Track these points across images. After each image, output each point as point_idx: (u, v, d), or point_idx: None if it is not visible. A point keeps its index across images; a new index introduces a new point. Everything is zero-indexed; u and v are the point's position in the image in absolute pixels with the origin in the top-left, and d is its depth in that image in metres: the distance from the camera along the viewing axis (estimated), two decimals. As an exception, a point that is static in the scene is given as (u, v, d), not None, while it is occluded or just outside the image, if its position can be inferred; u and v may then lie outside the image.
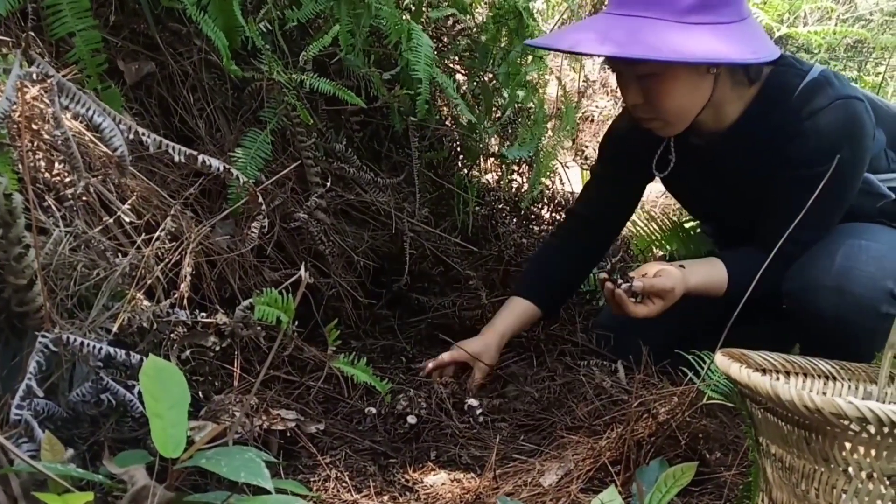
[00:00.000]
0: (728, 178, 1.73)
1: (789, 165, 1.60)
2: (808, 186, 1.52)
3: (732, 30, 1.48)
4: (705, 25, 1.45)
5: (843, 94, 1.57)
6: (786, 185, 1.61)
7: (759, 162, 1.65)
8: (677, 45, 1.43)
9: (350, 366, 1.24)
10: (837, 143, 1.55)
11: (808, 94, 1.59)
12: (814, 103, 1.57)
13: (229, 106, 1.71)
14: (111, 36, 1.53)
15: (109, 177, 1.28)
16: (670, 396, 1.38)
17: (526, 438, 1.59)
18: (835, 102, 1.56)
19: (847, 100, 1.57)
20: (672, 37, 1.44)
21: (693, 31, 1.44)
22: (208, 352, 1.34)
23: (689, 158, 1.74)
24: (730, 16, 1.48)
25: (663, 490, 1.25)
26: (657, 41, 1.44)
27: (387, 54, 1.93)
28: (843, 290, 1.54)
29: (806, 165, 1.58)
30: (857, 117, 1.57)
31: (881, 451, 0.92)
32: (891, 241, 1.62)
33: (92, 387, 1.14)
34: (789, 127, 1.59)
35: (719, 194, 1.78)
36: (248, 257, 1.58)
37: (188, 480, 1.20)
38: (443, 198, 2.23)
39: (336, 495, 1.33)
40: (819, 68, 1.63)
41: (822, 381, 1.28)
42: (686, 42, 1.43)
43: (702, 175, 1.77)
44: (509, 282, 2.28)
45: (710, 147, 1.70)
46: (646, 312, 1.60)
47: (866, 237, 1.60)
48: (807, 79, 1.60)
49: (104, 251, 1.23)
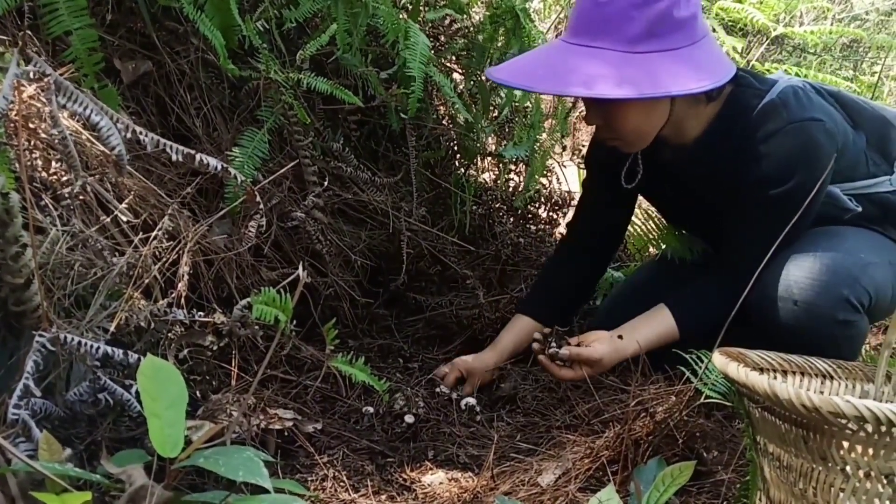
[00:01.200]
0: (696, 191, 1.76)
1: (748, 187, 1.63)
2: (763, 210, 1.60)
3: (682, 56, 1.48)
4: (655, 54, 1.46)
5: (797, 117, 1.58)
6: (745, 206, 1.65)
7: (722, 177, 1.67)
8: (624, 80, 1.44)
9: (348, 365, 1.24)
10: (791, 167, 1.58)
11: (764, 118, 1.60)
12: (768, 127, 1.59)
13: (226, 105, 1.71)
14: (108, 35, 1.53)
15: (107, 176, 1.28)
16: (668, 396, 1.38)
17: (523, 437, 1.59)
18: (788, 126, 1.57)
19: (802, 123, 1.58)
20: (619, 71, 1.44)
21: (641, 62, 1.45)
22: (206, 351, 1.34)
23: (658, 171, 1.77)
24: (681, 41, 1.48)
25: (661, 489, 1.25)
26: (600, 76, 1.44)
27: (384, 53, 1.93)
28: (799, 300, 1.59)
29: (761, 189, 1.61)
30: (810, 141, 1.58)
31: (878, 450, 0.92)
32: (850, 246, 1.65)
33: (89, 386, 1.14)
34: (747, 149, 1.62)
35: (690, 206, 1.83)
36: (245, 256, 1.58)
37: (186, 480, 1.20)
38: (440, 197, 2.23)
39: (334, 494, 1.33)
40: (780, 87, 1.63)
41: (819, 380, 1.28)
42: (633, 76, 1.44)
43: (672, 187, 1.80)
44: (506, 281, 2.29)
45: (677, 161, 1.73)
46: (571, 377, 1.66)
47: (823, 246, 1.62)
48: (765, 99, 1.62)
49: (101, 250, 1.22)
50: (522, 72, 1.54)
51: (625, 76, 1.44)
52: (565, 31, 1.57)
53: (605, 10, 1.46)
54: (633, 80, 1.44)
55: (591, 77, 1.45)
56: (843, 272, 1.59)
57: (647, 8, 1.45)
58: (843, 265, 1.59)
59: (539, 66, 1.53)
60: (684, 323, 1.69)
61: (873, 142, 1.77)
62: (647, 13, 1.45)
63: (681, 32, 1.48)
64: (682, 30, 1.48)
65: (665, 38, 1.46)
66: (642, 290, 1.95)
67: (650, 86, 1.45)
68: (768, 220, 1.60)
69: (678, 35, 1.48)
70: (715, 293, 1.67)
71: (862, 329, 1.63)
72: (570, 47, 1.50)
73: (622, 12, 1.45)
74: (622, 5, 1.45)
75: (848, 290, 1.58)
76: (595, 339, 1.67)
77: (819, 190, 1.58)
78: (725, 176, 1.66)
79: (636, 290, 2.01)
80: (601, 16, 1.47)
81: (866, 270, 1.60)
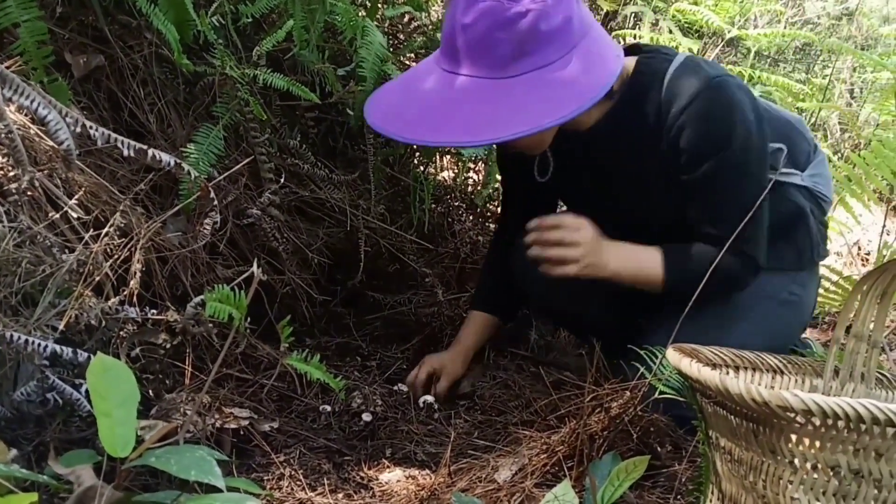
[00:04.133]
0: (619, 169, 1.66)
1: (688, 159, 1.54)
2: (720, 175, 1.52)
3: (559, 70, 1.39)
4: (528, 75, 1.38)
5: (714, 73, 1.53)
6: (698, 182, 1.56)
7: (637, 151, 1.60)
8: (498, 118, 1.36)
9: (303, 363, 1.23)
10: (726, 124, 1.51)
11: (680, 81, 1.54)
12: (689, 89, 1.52)
13: (181, 101, 1.69)
14: (58, 28, 1.50)
15: (56, 171, 1.26)
16: (623, 391, 1.39)
17: (481, 434, 1.59)
18: (710, 85, 1.51)
19: (721, 79, 1.53)
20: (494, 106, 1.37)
21: (515, 90, 1.37)
22: (159, 350, 1.32)
23: (572, 158, 1.68)
24: (554, 53, 1.39)
25: (616, 484, 1.27)
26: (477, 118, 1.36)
27: (342, 50, 1.92)
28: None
29: (705, 156, 1.53)
30: (734, 94, 1.53)
31: (825, 443, 0.94)
32: (740, 336, 1.56)
33: (37, 386, 1.11)
34: (669, 116, 1.54)
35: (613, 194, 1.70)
36: (200, 254, 1.56)
37: (138, 481, 1.18)
38: (398, 195, 2.23)
39: (290, 493, 1.32)
40: (684, 54, 1.59)
41: (770, 376, 1.31)
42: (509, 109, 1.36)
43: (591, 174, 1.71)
44: (465, 280, 2.29)
45: (591, 143, 1.63)
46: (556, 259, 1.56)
47: (713, 336, 1.44)
48: (674, 63, 1.56)
49: (50, 247, 1.20)
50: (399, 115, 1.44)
51: (499, 112, 1.36)
52: (439, 51, 1.48)
53: (469, 34, 1.38)
54: (508, 116, 1.36)
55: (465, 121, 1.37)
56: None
57: (511, 28, 1.36)
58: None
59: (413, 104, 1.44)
60: (672, 272, 1.60)
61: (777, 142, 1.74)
62: (512, 34, 1.36)
63: (552, 45, 1.39)
64: (554, 42, 1.39)
65: (536, 54, 1.38)
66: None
67: (523, 121, 1.36)
68: (728, 190, 1.54)
69: (550, 49, 1.39)
70: (711, 256, 1.52)
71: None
72: (442, 75, 1.42)
73: (487, 36, 1.36)
74: (486, 29, 1.36)
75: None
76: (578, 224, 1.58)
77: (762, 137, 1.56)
78: (640, 147, 1.59)
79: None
80: (467, 41, 1.38)
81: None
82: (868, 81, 4.57)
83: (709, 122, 1.51)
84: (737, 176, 1.54)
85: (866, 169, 2.50)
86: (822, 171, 1.80)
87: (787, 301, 1.73)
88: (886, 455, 0.92)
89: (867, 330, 1.21)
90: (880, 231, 2.84)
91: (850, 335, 1.22)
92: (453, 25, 1.39)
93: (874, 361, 1.23)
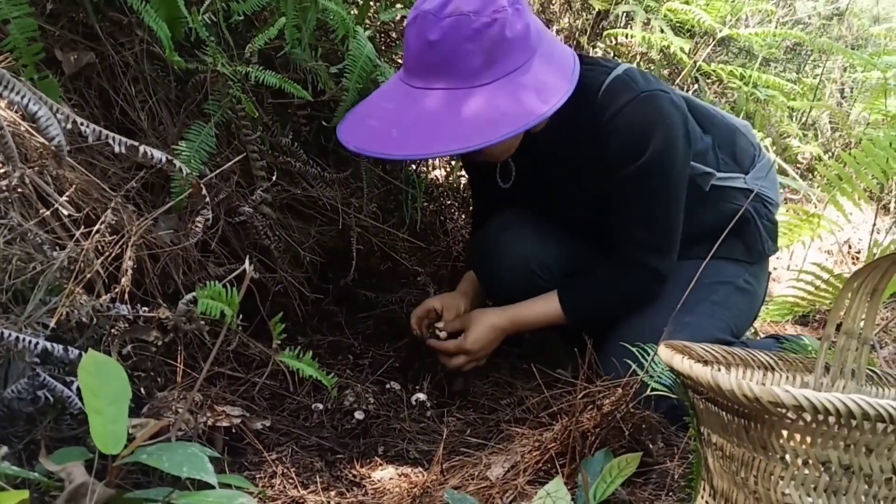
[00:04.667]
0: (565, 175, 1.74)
1: (611, 166, 1.62)
2: (632, 188, 1.62)
3: (526, 73, 1.46)
4: (501, 81, 1.44)
5: (646, 88, 1.60)
6: (617, 186, 1.64)
7: (577, 156, 1.68)
8: (481, 124, 1.41)
9: (295, 360, 1.23)
10: (647, 134, 1.58)
11: (613, 92, 1.60)
12: (619, 100, 1.59)
13: (172, 98, 1.68)
14: (49, 25, 1.49)
15: (47, 168, 1.25)
16: (615, 388, 1.39)
17: (473, 432, 1.59)
18: (639, 97, 1.58)
19: (651, 93, 1.59)
20: (474, 113, 1.41)
21: (491, 97, 1.43)
22: (151, 347, 1.31)
23: (528, 165, 1.75)
24: (521, 57, 1.46)
25: (608, 480, 1.27)
26: (444, 129, 1.42)
27: (334, 48, 1.91)
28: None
29: (623, 165, 1.61)
30: (662, 108, 1.59)
31: (816, 438, 0.95)
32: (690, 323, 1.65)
33: (28, 383, 1.11)
34: (599, 125, 1.61)
35: (567, 199, 1.78)
36: (191, 252, 1.55)
37: (130, 479, 1.17)
38: (391, 193, 2.23)
39: (282, 491, 1.31)
40: (624, 66, 1.66)
41: (761, 372, 1.31)
42: (489, 114, 1.41)
43: (543, 179, 1.78)
44: (457, 278, 2.28)
45: (542, 148, 1.70)
46: (457, 364, 1.76)
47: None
48: (611, 76, 1.62)
49: (41, 244, 1.19)
50: (377, 135, 1.48)
51: (479, 118, 1.41)
52: (403, 69, 1.52)
53: (438, 49, 1.42)
54: (484, 122, 1.41)
55: (445, 131, 1.41)
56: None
57: (480, 38, 1.41)
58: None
59: (391, 125, 1.47)
60: (572, 312, 1.72)
61: (723, 146, 1.82)
62: (481, 43, 1.41)
63: (519, 49, 1.46)
64: (520, 46, 1.46)
65: (505, 60, 1.44)
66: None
67: (511, 122, 1.42)
68: (641, 197, 1.63)
69: (517, 53, 1.46)
70: (608, 283, 1.72)
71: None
72: (414, 93, 1.47)
73: (457, 48, 1.41)
74: (455, 41, 1.41)
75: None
76: (473, 322, 1.74)
77: (682, 155, 1.62)
78: (580, 153, 1.66)
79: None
80: (436, 55, 1.43)
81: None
82: (858, 81, 4.59)
83: (632, 130, 1.59)
84: (651, 185, 1.62)
85: (857, 168, 2.50)
86: (765, 174, 1.88)
87: (742, 288, 1.83)
88: (877, 450, 0.93)
89: (857, 327, 1.21)
90: (870, 229, 2.86)
91: (841, 332, 1.23)
92: (418, 43, 1.45)
93: (864, 358, 1.23)
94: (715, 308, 1.76)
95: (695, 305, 1.70)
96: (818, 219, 2.75)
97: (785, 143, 3.99)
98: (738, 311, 1.82)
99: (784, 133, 4.01)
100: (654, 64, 3.42)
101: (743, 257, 1.83)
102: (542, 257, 1.79)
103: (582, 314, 1.73)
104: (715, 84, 3.94)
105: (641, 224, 1.66)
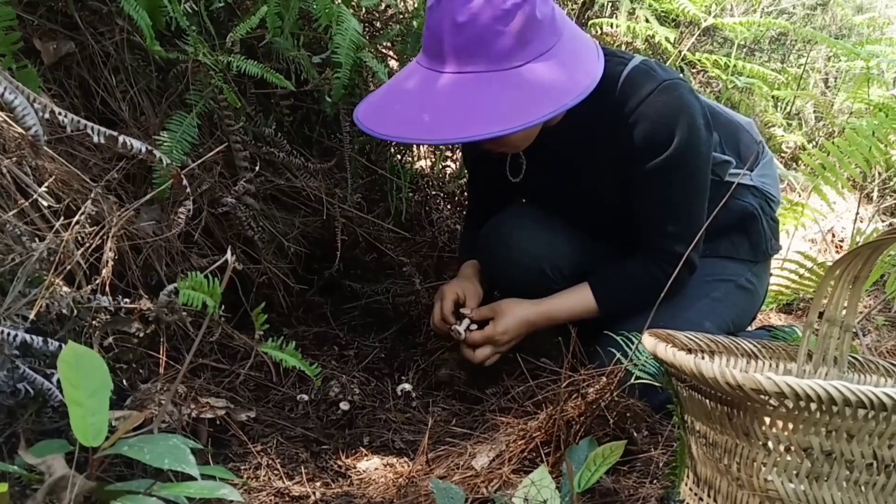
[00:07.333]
0: (581, 170, 1.71)
1: (634, 157, 1.61)
2: (660, 180, 1.61)
3: (555, 56, 1.43)
4: (532, 64, 1.40)
5: (666, 77, 1.59)
6: (642, 177, 1.62)
7: (594, 148, 1.66)
8: (519, 106, 1.38)
9: (278, 350, 1.22)
10: (673, 123, 1.57)
11: (634, 82, 1.59)
12: (642, 89, 1.58)
13: (154, 88, 1.66)
14: (27, 13, 1.47)
15: (25, 159, 1.23)
16: (599, 377, 1.40)
17: (459, 422, 1.59)
18: (661, 85, 1.58)
19: (673, 81, 1.59)
20: (507, 96, 1.38)
21: (523, 79, 1.39)
22: (132, 339, 1.30)
23: (540, 158, 1.73)
24: (551, 38, 1.43)
25: (592, 469, 1.27)
26: (483, 111, 1.37)
27: (317, 38, 1.90)
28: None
29: (650, 153, 1.59)
30: (684, 96, 1.59)
31: (798, 425, 0.95)
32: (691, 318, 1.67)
33: (8, 376, 1.10)
34: (620, 116, 1.59)
35: (579, 194, 1.75)
36: (174, 243, 1.54)
37: (113, 471, 1.17)
38: (375, 183, 2.22)
39: (268, 482, 1.31)
40: (640, 58, 1.65)
41: (744, 360, 1.32)
42: (524, 97, 1.38)
43: (557, 173, 1.75)
44: (443, 268, 2.29)
45: (556, 141, 1.67)
46: (484, 357, 1.72)
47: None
48: (629, 66, 1.61)
49: (20, 236, 1.18)
50: (407, 120, 1.42)
51: (519, 100, 1.38)
52: (422, 54, 1.46)
53: (468, 30, 1.37)
54: (526, 102, 1.38)
55: (484, 113, 1.37)
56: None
57: (510, 18, 1.37)
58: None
59: (422, 109, 1.41)
60: (605, 303, 1.71)
61: (728, 143, 1.82)
62: (512, 24, 1.37)
63: (549, 30, 1.43)
64: (550, 26, 1.43)
65: (536, 42, 1.40)
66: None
67: (547, 103, 1.39)
68: (669, 188, 1.62)
69: (547, 35, 1.42)
70: (640, 273, 1.68)
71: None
72: (441, 77, 1.41)
73: (487, 29, 1.37)
74: (485, 22, 1.36)
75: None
76: (505, 313, 1.70)
77: (706, 143, 1.62)
78: (598, 147, 1.64)
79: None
80: (465, 37, 1.37)
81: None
82: (842, 70, 4.61)
83: (657, 120, 1.57)
84: (679, 176, 1.61)
85: (840, 156, 2.52)
86: (769, 171, 1.89)
87: (744, 287, 1.83)
88: (858, 436, 0.93)
89: (840, 314, 1.22)
90: (853, 218, 2.87)
91: (824, 320, 1.23)
92: (444, 26, 1.39)
93: (847, 345, 1.24)
94: (715, 305, 1.76)
95: (695, 301, 1.73)
96: (802, 207, 2.76)
97: (769, 132, 4.01)
98: (738, 309, 1.82)
99: (769, 122, 4.02)
100: (639, 53, 3.42)
101: (748, 256, 1.84)
102: (554, 260, 1.77)
103: (617, 307, 1.70)
104: (700, 74, 3.95)
105: (671, 215, 1.64)
